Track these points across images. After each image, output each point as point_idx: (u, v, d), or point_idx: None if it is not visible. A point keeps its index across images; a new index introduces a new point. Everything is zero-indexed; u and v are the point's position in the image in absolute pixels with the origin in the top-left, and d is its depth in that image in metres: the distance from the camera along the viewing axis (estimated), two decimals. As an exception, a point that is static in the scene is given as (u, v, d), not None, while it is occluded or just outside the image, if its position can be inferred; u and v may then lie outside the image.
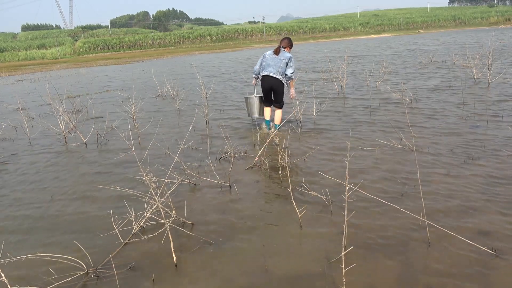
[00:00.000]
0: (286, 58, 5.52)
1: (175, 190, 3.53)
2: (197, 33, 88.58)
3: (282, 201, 3.42)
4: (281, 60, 5.52)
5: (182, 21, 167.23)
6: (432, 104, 6.88)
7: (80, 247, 2.72)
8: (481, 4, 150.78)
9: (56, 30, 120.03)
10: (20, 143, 6.31)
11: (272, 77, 5.55)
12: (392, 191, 3.46)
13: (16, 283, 2.43)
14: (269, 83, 5.61)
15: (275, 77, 5.53)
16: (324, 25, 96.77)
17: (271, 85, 5.61)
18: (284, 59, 5.52)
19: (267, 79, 5.60)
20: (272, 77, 5.55)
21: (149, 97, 10.36)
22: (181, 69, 21.19)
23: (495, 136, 4.76)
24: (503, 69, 10.38)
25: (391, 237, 2.73)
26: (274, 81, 5.56)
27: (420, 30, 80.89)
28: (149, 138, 5.82)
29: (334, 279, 2.33)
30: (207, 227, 3.08)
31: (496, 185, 3.42)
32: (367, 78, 10.07)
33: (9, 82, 20.54)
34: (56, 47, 72.72)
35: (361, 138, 5.10)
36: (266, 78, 5.60)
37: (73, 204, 3.71)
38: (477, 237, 2.65)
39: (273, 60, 5.56)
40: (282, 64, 5.51)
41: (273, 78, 5.55)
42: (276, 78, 5.53)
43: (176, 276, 2.50)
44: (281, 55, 5.55)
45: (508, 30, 45.59)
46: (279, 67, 5.51)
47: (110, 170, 4.60)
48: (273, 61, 5.56)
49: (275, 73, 5.53)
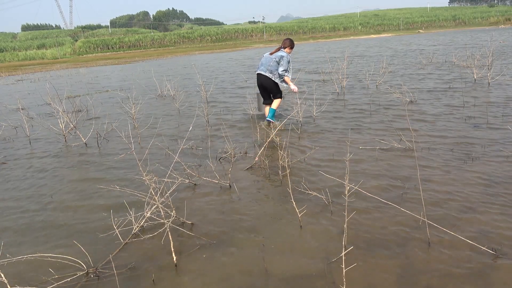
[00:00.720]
0: (277, 57, 5.96)
1: (175, 190, 3.53)
2: (197, 33, 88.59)
3: (282, 201, 3.42)
4: (271, 59, 5.99)
5: (182, 21, 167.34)
6: (432, 104, 6.88)
7: (80, 247, 2.72)
8: (481, 4, 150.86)
9: (56, 30, 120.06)
10: (20, 143, 6.31)
11: (262, 75, 6.07)
12: (392, 191, 3.46)
13: (16, 283, 2.43)
14: (260, 80, 6.14)
15: (265, 74, 6.03)
16: (324, 25, 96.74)
17: (261, 82, 6.11)
18: (275, 58, 5.96)
19: (258, 77, 6.15)
20: (262, 75, 6.07)
21: (149, 97, 10.36)
22: (181, 69, 21.20)
23: (495, 136, 4.76)
24: (503, 69, 10.38)
25: (391, 237, 2.73)
26: (264, 79, 6.07)
27: (420, 30, 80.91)
28: (149, 138, 5.82)
29: (334, 279, 2.33)
30: (207, 227, 3.08)
31: (496, 185, 3.42)
32: (367, 78, 10.07)
33: (9, 82, 20.54)
34: (56, 47, 72.75)
35: (361, 138, 5.10)
36: (258, 76, 6.17)
37: (73, 204, 3.71)
38: (477, 237, 2.65)
39: (265, 59, 6.08)
40: (272, 62, 5.97)
41: (262, 76, 6.07)
42: (266, 75, 6.02)
43: (176, 276, 2.50)
44: (275, 54, 6.02)
45: (508, 30, 45.59)
46: (269, 65, 5.99)
47: (110, 170, 4.59)
48: (265, 60, 6.08)
49: (264, 71, 6.03)
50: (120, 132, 5.64)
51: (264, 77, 6.04)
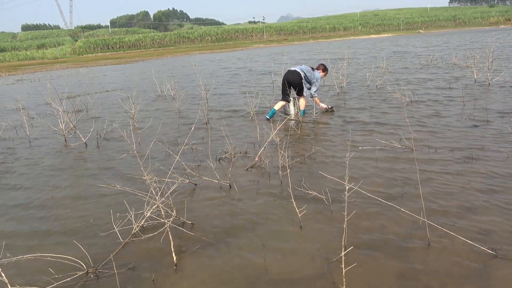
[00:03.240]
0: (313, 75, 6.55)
1: (175, 190, 3.53)
2: (197, 33, 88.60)
3: (282, 201, 3.42)
4: (310, 70, 6.55)
5: (182, 21, 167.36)
6: (431, 104, 6.88)
7: (80, 247, 2.72)
8: (481, 4, 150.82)
9: (56, 30, 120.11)
10: (20, 143, 6.31)
11: (296, 72, 6.45)
12: (392, 191, 3.46)
13: (16, 283, 2.43)
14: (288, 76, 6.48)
15: (298, 71, 6.45)
16: (324, 25, 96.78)
17: (291, 78, 6.48)
18: (310, 73, 6.52)
19: (289, 73, 6.52)
20: (295, 72, 6.46)
21: (149, 97, 10.36)
22: (181, 69, 21.20)
23: (495, 136, 4.76)
24: (503, 69, 10.38)
25: (391, 237, 2.73)
26: (295, 75, 6.46)
27: (420, 30, 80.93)
28: (149, 138, 5.82)
29: (334, 279, 2.33)
30: (207, 227, 3.08)
31: (496, 185, 3.42)
32: (367, 78, 10.07)
33: (9, 82, 20.54)
34: (56, 47, 72.76)
35: (361, 138, 5.10)
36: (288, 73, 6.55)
37: (73, 203, 3.71)
38: (477, 237, 2.65)
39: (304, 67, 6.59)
40: (309, 73, 6.50)
41: (296, 72, 6.45)
42: (298, 72, 6.44)
43: (176, 276, 2.50)
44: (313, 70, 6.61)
45: (508, 30, 45.60)
46: (306, 70, 6.51)
47: (110, 170, 4.59)
48: (304, 67, 6.59)
49: (299, 70, 6.47)
50: (120, 132, 5.63)
51: (296, 74, 6.39)
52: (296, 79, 6.39)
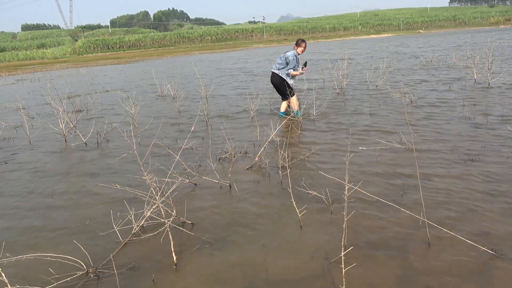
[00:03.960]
0: (285, 56, 6.37)
1: (175, 189, 3.53)
2: (197, 33, 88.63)
3: (282, 201, 3.42)
4: (280, 57, 6.42)
5: (182, 21, 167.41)
6: (432, 104, 6.88)
7: (80, 247, 2.72)
8: (481, 4, 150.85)
9: (56, 30, 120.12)
10: (20, 143, 6.31)
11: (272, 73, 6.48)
12: (392, 191, 3.46)
13: (16, 283, 2.43)
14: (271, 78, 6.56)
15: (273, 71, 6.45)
16: (324, 25, 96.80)
17: (272, 80, 6.54)
18: (284, 56, 6.38)
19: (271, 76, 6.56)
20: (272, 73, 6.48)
21: (149, 97, 10.36)
22: (181, 69, 21.20)
23: (495, 136, 4.76)
24: (503, 69, 10.37)
25: (391, 237, 2.73)
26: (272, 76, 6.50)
27: (420, 30, 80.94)
28: (149, 138, 5.82)
29: (334, 279, 2.33)
30: (207, 226, 3.07)
31: (496, 185, 3.42)
32: (367, 78, 10.07)
33: (9, 82, 20.54)
34: (56, 47, 72.77)
35: (361, 138, 5.10)
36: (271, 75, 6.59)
37: (73, 203, 3.71)
38: (477, 237, 2.65)
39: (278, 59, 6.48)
40: (281, 60, 6.37)
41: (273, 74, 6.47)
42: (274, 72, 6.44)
43: (176, 276, 2.50)
44: (285, 53, 6.42)
45: (508, 30, 45.58)
46: (278, 63, 6.41)
47: (110, 170, 4.59)
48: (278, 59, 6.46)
49: (274, 69, 6.45)
50: (120, 132, 5.63)
51: (276, 76, 6.41)
52: (277, 81, 6.42)
